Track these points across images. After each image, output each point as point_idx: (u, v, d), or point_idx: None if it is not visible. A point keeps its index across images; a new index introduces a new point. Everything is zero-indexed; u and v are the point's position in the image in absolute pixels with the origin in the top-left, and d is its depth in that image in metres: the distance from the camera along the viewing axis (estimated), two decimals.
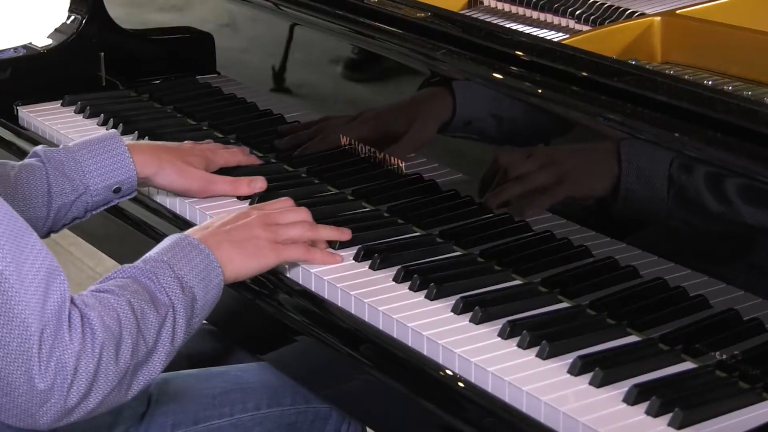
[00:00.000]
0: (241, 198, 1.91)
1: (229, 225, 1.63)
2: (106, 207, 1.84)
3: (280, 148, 2.07)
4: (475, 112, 1.79)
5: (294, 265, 1.70)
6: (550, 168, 1.68)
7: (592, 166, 1.63)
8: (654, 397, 1.36)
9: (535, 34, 2.07)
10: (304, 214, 1.71)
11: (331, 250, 1.73)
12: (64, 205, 1.78)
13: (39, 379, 1.31)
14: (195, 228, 1.64)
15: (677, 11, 1.95)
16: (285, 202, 1.74)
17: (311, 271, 1.68)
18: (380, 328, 1.57)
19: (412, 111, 1.86)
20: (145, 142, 1.97)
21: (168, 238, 1.56)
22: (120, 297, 1.41)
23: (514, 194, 1.72)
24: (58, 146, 1.85)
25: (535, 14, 2.17)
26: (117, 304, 1.40)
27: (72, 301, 1.36)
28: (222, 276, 1.55)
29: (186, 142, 1.98)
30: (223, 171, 1.95)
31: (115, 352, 1.37)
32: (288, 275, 1.70)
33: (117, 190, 1.81)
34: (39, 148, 1.82)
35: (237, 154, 1.99)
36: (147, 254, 1.52)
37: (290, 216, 1.69)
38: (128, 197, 1.85)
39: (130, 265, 1.49)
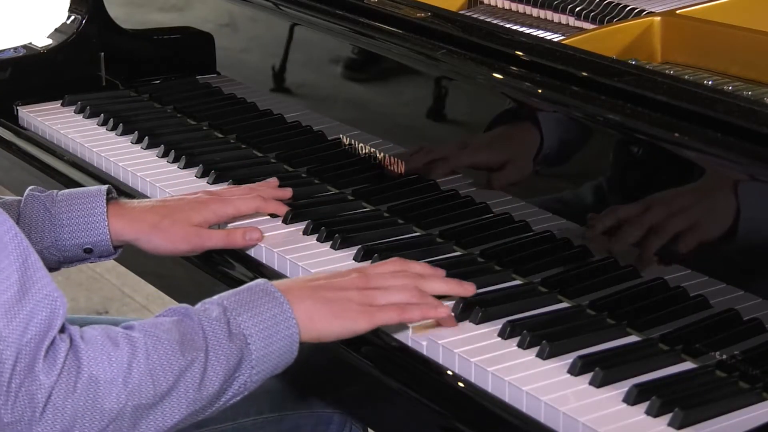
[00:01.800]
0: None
1: (322, 281, 1.49)
2: (81, 263, 1.75)
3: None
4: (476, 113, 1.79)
5: (294, 264, 1.69)
6: (551, 170, 1.68)
7: (591, 166, 1.63)
8: (654, 397, 1.36)
9: (534, 33, 2.07)
10: (410, 279, 1.53)
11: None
12: None
13: (4, 410, 1.23)
14: (285, 279, 1.53)
15: (677, 11, 1.95)
16: (393, 265, 1.56)
17: (311, 271, 1.68)
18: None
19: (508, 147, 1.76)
20: (135, 203, 1.78)
21: (253, 282, 1.46)
22: (136, 333, 1.33)
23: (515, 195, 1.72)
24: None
25: (534, 12, 2.17)
26: (126, 338, 1.31)
27: (67, 331, 1.29)
28: (296, 331, 1.42)
29: (192, 196, 1.81)
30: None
31: (107, 390, 1.28)
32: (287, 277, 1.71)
33: (89, 251, 1.72)
34: (29, 189, 1.73)
35: (254, 201, 1.81)
36: (214, 296, 1.43)
37: (394, 281, 1.52)
38: (107, 259, 1.76)
39: (185, 305, 1.40)
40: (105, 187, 1.75)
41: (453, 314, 1.54)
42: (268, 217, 1.85)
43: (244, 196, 1.82)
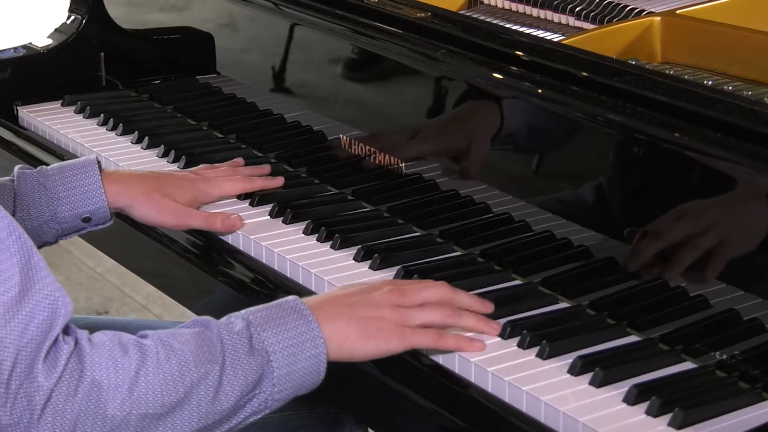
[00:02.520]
0: (240, 197, 1.90)
1: (356, 298, 1.46)
2: (79, 234, 1.78)
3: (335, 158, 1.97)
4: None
5: (294, 264, 1.69)
6: (551, 170, 1.68)
7: (591, 166, 1.63)
8: (654, 397, 1.36)
9: (534, 33, 2.07)
10: (445, 293, 1.51)
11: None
12: (29, 230, 1.68)
13: (2, 412, 1.22)
14: (318, 295, 1.50)
15: (677, 11, 1.95)
16: (429, 290, 1.51)
17: (311, 271, 1.68)
18: None
19: (466, 129, 1.79)
20: (126, 171, 1.88)
21: (283, 299, 1.43)
22: (149, 340, 1.31)
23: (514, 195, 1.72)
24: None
25: (534, 12, 2.17)
26: (136, 345, 1.30)
27: (73, 334, 1.28)
28: (323, 350, 1.39)
29: (180, 172, 1.91)
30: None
31: (111, 395, 1.26)
32: (289, 276, 1.70)
33: (87, 219, 1.75)
34: (17, 167, 1.77)
35: (239, 182, 1.88)
36: (244, 310, 1.41)
37: (428, 295, 1.49)
38: (103, 226, 1.78)
39: (209, 317, 1.38)
40: (93, 156, 1.80)
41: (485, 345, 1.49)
42: (269, 216, 1.85)
43: (230, 177, 1.89)
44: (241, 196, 1.91)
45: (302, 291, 1.67)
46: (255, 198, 1.89)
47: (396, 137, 1.89)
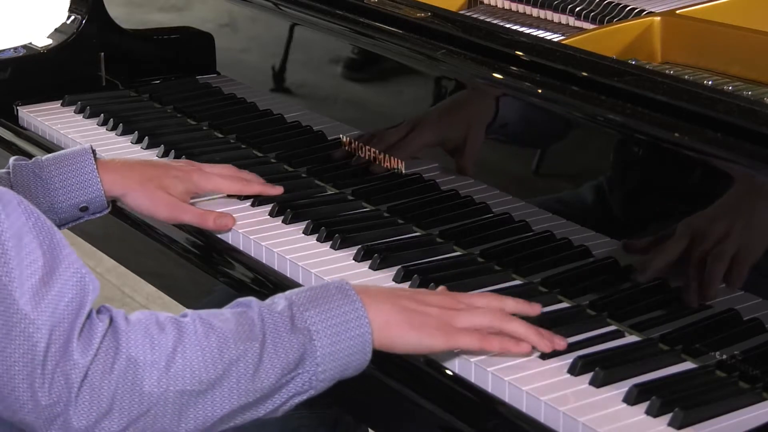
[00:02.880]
0: (241, 198, 1.90)
1: (405, 293, 1.46)
2: (76, 223, 1.79)
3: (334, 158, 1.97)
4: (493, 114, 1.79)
5: (295, 263, 1.69)
6: (551, 171, 1.68)
7: (591, 166, 1.63)
8: (654, 397, 1.36)
9: (534, 33, 2.07)
10: (499, 303, 1.49)
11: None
12: None
13: (41, 392, 1.23)
14: (357, 283, 1.45)
15: (677, 11, 1.95)
16: (481, 301, 1.49)
17: (312, 271, 1.68)
18: None
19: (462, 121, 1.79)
20: (121, 159, 1.86)
21: (333, 281, 1.42)
22: (187, 318, 1.31)
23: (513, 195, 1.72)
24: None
25: (534, 12, 2.17)
26: (173, 323, 1.30)
27: (107, 312, 1.29)
28: (369, 330, 1.36)
29: (176, 163, 1.89)
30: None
31: (148, 372, 1.26)
32: (289, 275, 1.70)
33: (84, 209, 1.76)
34: (12, 159, 1.77)
35: (235, 183, 1.87)
36: (292, 290, 1.41)
37: (480, 302, 1.48)
38: (100, 215, 1.79)
39: (252, 298, 1.38)
40: (88, 145, 1.80)
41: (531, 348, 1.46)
42: (269, 216, 1.85)
43: (227, 175, 1.88)
44: (242, 196, 1.91)
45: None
46: (255, 199, 1.89)
47: (390, 134, 1.89)
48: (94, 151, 1.79)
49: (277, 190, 1.90)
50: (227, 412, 1.30)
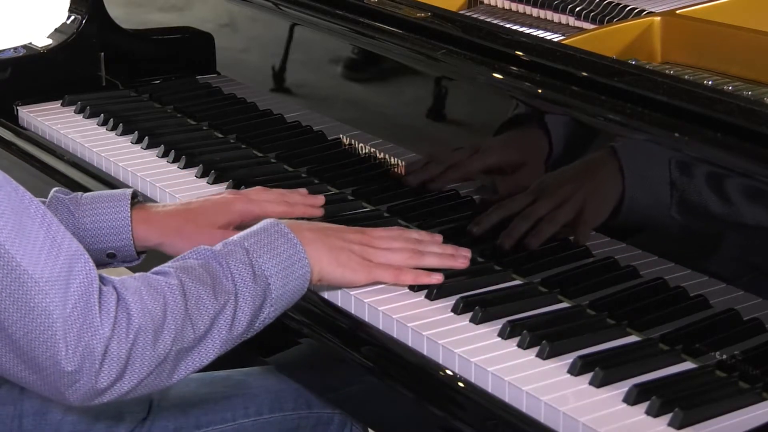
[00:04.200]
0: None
1: (330, 231, 1.59)
2: (104, 268, 1.72)
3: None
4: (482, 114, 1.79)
5: None
6: (551, 171, 1.68)
7: (591, 166, 1.63)
8: (654, 397, 1.36)
9: (534, 33, 2.07)
10: (407, 241, 1.63)
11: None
12: None
13: (66, 362, 1.30)
14: (293, 221, 1.58)
15: (677, 11, 1.95)
16: (392, 232, 1.66)
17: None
18: (380, 328, 1.57)
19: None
20: (159, 207, 1.76)
21: (262, 221, 1.52)
22: (173, 279, 1.39)
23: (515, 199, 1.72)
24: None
25: (534, 12, 2.17)
26: (167, 287, 1.38)
27: (111, 284, 1.35)
28: (309, 270, 1.51)
29: (218, 197, 1.78)
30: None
31: (154, 337, 1.35)
32: None
33: (112, 255, 1.72)
34: (54, 190, 1.72)
35: (280, 206, 1.77)
36: (231, 237, 1.49)
37: (393, 244, 1.62)
38: (130, 264, 1.74)
39: (208, 247, 1.46)
40: (130, 190, 1.73)
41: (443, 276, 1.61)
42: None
43: (272, 199, 1.79)
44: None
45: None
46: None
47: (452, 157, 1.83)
48: (135, 195, 1.73)
49: (318, 211, 1.81)
50: (209, 361, 1.42)
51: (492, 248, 1.70)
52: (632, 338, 1.51)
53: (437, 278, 1.60)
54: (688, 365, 1.45)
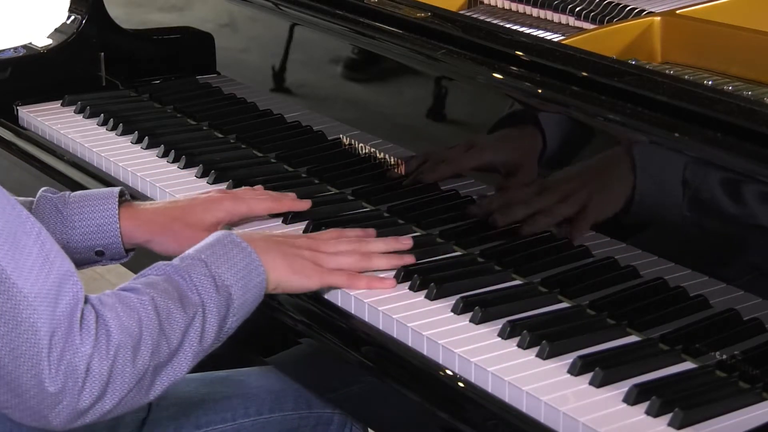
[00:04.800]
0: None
1: (280, 239, 1.61)
2: (93, 266, 1.76)
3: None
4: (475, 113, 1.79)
5: None
6: (550, 171, 1.68)
7: (591, 166, 1.63)
8: (654, 397, 1.36)
9: (534, 33, 2.07)
10: (355, 247, 1.65)
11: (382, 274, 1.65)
12: None
13: (49, 382, 1.29)
14: (240, 232, 1.59)
15: (677, 11, 1.95)
16: (334, 233, 1.69)
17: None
18: (381, 328, 1.57)
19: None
20: (147, 205, 1.78)
21: (212, 235, 1.53)
22: (144, 296, 1.38)
23: (509, 202, 1.72)
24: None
25: (534, 12, 2.17)
26: (139, 303, 1.37)
27: (88, 302, 1.34)
28: (265, 277, 1.52)
29: (204, 195, 1.79)
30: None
31: (133, 353, 1.34)
32: None
33: (100, 253, 1.73)
34: (42, 190, 1.74)
35: (265, 202, 1.81)
36: (187, 251, 1.49)
37: (341, 247, 1.65)
38: (119, 262, 1.76)
39: (166, 262, 1.46)
40: (117, 189, 1.74)
41: (395, 281, 1.63)
42: (268, 216, 1.85)
43: (258, 196, 1.81)
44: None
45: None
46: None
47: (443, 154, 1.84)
48: (123, 194, 1.74)
49: (305, 203, 1.84)
50: (183, 375, 1.42)
51: (492, 248, 1.70)
52: (632, 338, 1.51)
53: (390, 283, 1.62)
54: (688, 365, 1.45)
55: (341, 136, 2.00)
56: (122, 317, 1.35)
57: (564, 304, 1.59)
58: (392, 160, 1.90)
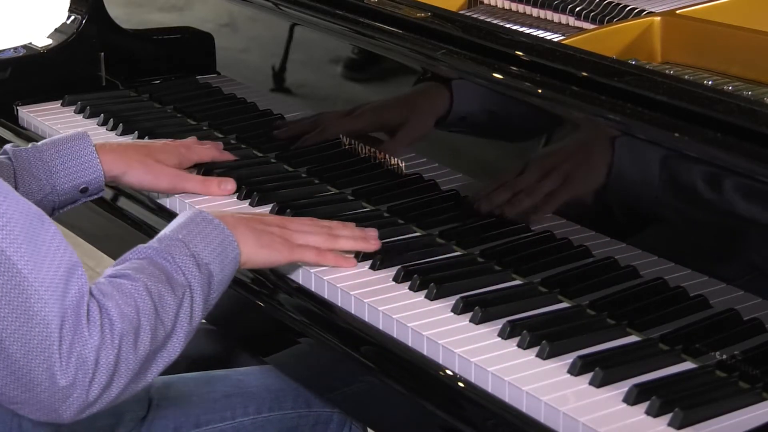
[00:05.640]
0: (240, 198, 1.90)
1: (248, 216, 1.64)
2: (73, 206, 1.83)
3: (277, 138, 2.09)
4: (471, 109, 1.79)
5: (295, 264, 1.69)
6: (550, 170, 1.68)
7: (591, 166, 1.63)
8: (654, 397, 1.36)
9: (534, 33, 2.07)
10: (321, 230, 1.69)
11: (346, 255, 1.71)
12: None
13: (60, 375, 1.30)
14: (209, 210, 1.61)
15: (677, 11, 1.95)
16: (305, 219, 1.73)
17: (311, 270, 1.68)
18: (380, 328, 1.57)
19: (408, 106, 1.86)
20: (114, 141, 1.98)
21: (182, 214, 1.55)
22: (137, 282, 1.40)
23: (510, 199, 1.72)
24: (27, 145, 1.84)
25: (534, 12, 2.17)
26: (134, 290, 1.39)
27: (90, 293, 1.35)
28: (238, 251, 1.54)
29: (160, 141, 1.98)
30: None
31: (134, 340, 1.36)
32: (288, 275, 1.70)
33: (84, 190, 1.81)
34: (8, 146, 1.81)
35: (211, 150, 1.98)
36: (162, 232, 1.51)
37: (308, 228, 1.69)
38: (96, 196, 1.84)
39: (145, 245, 1.48)
40: (82, 130, 1.85)
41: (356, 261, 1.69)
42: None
43: (203, 146, 1.99)
44: (241, 196, 1.91)
45: (303, 290, 1.67)
46: (255, 198, 1.89)
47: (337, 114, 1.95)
48: (88, 136, 1.83)
49: (231, 156, 2.01)
50: (177, 355, 1.43)
51: (492, 248, 1.71)
52: (632, 338, 1.51)
53: (351, 262, 1.67)
54: (688, 365, 1.45)
55: (341, 136, 2.00)
56: (121, 305, 1.36)
57: (564, 304, 1.59)
58: (392, 160, 1.90)
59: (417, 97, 1.86)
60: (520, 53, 1.71)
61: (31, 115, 2.30)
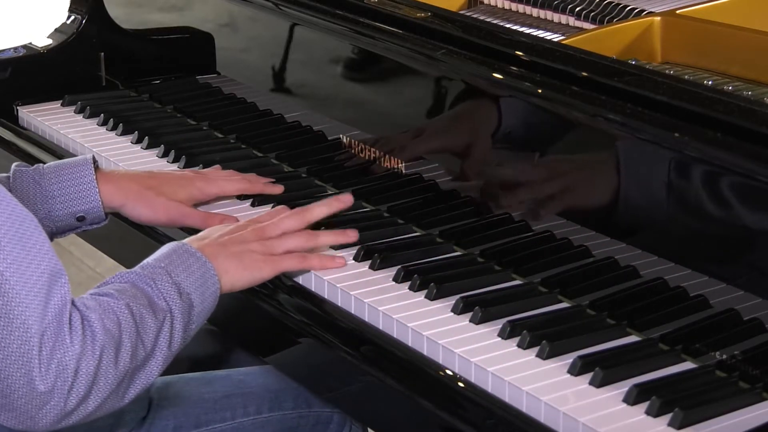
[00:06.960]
0: (240, 198, 1.90)
1: (226, 237, 1.62)
2: (73, 232, 1.80)
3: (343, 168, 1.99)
4: (472, 110, 1.79)
5: None
6: (550, 170, 1.68)
7: (591, 166, 1.63)
8: (654, 397, 1.36)
9: (534, 33, 2.07)
10: (299, 221, 1.69)
11: (332, 251, 1.71)
12: None
13: (39, 380, 1.30)
14: (191, 238, 1.63)
15: (677, 11, 1.95)
16: (280, 212, 1.72)
17: (311, 270, 1.68)
18: (380, 328, 1.57)
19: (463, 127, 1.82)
20: (122, 171, 1.91)
21: (165, 246, 1.55)
22: (119, 300, 1.40)
23: (515, 198, 1.72)
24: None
25: (534, 12, 2.17)
26: (117, 307, 1.39)
27: (73, 303, 1.36)
28: (219, 285, 1.54)
29: (177, 171, 1.93)
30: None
31: (115, 355, 1.36)
32: (288, 275, 1.70)
33: (81, 218, 1.77)
34: (14, 165, 1.79)
35: (238, 182, 1.90)
36: (144, 261, 1.52)
37: (285, 225, 1.67)
38: (98, 226, 1.80)
39: (128, 270, 1.49)
40: (90, 155, 1.81)
41: (345, 259, 1.69)
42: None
43: (230, 177, 1.90)
44: (242, 197, 1.91)
45: (303, 291, 1.67)
46: (255, 199, 1.89)
47: (397, 138, 1.89)
48: (95, 161, 1.80)
49: (278, 188, 1.91)
50: (154, 379, 1.44)
51: (492, 248, 1.71)
52: (632, 338, 1.51)
53: (340, 262, 1.67)
54: (688, 365, 1.45)
55: (341, 136, 2.00)
56: (104, 319, 1.37)
57: (564, 304, 1.59)
58: (392, 160, 1.90)
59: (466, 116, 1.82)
60: (520, 53, 1.71)
61: (31, 115, 2.30)
